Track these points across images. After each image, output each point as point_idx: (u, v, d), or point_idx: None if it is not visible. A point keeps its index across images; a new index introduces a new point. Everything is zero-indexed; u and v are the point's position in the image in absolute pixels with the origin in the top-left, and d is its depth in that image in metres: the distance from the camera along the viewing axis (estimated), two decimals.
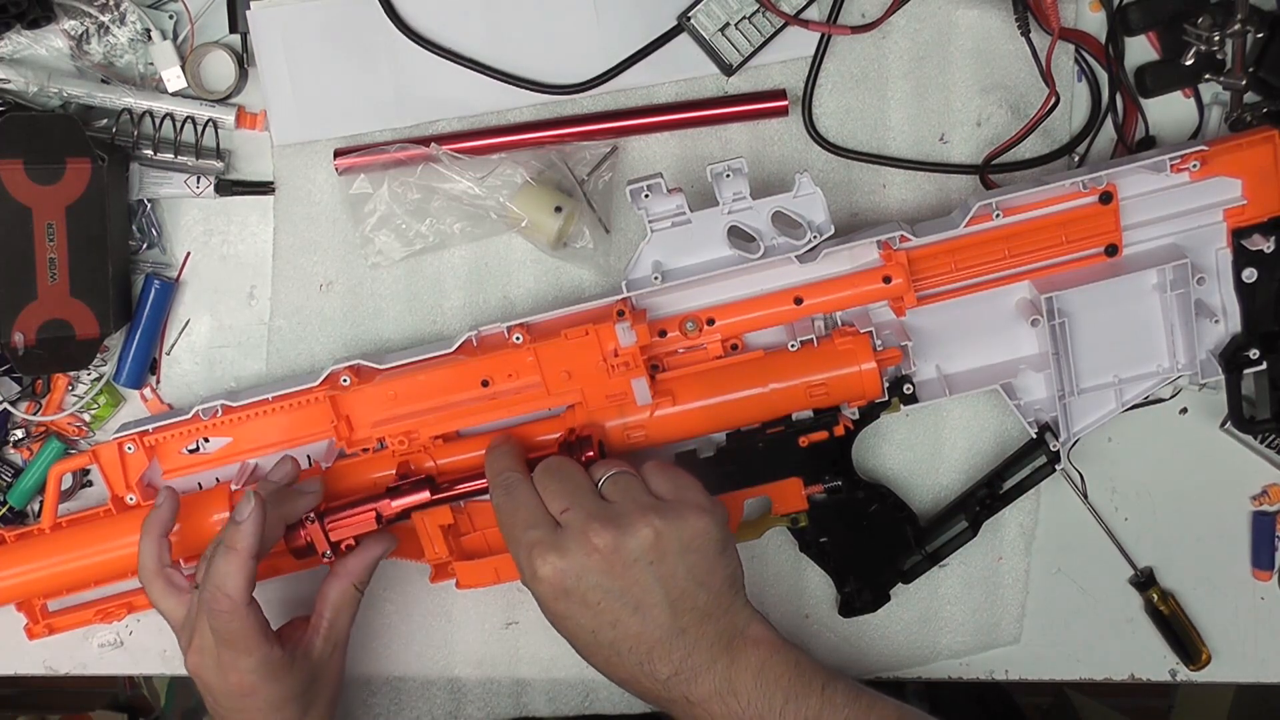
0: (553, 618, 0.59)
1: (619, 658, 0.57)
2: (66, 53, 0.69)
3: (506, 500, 0.60)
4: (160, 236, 0.72)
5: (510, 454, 0.63)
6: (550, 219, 0.67)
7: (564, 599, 0.57)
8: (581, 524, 0.57)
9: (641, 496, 0.59)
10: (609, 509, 0.58)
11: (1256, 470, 0.72)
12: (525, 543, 0.58)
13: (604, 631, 0.57)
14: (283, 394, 0.67)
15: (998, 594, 0.73)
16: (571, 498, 0.59)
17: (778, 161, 0.70)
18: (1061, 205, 0.65)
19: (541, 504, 0.59)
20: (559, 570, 0.57)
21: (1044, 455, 0.68)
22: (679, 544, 0.57)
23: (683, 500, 0.59)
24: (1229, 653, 0.73)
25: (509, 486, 0.61)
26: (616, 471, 0.60)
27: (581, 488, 0.59)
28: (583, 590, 0.57)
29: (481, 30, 0.69)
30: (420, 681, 0.74)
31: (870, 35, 0.69)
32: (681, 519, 0.57)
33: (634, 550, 0.56)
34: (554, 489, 0.60)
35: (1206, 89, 0.69)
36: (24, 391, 0.72)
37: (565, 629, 0.59)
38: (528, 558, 0.58)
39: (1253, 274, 0.66)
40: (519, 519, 0.59)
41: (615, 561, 0.56)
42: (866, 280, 0.65)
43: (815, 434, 0.66)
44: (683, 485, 0.60)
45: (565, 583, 0.57)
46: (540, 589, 0.58)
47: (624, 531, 0.56)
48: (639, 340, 0.64)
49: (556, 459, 0.62)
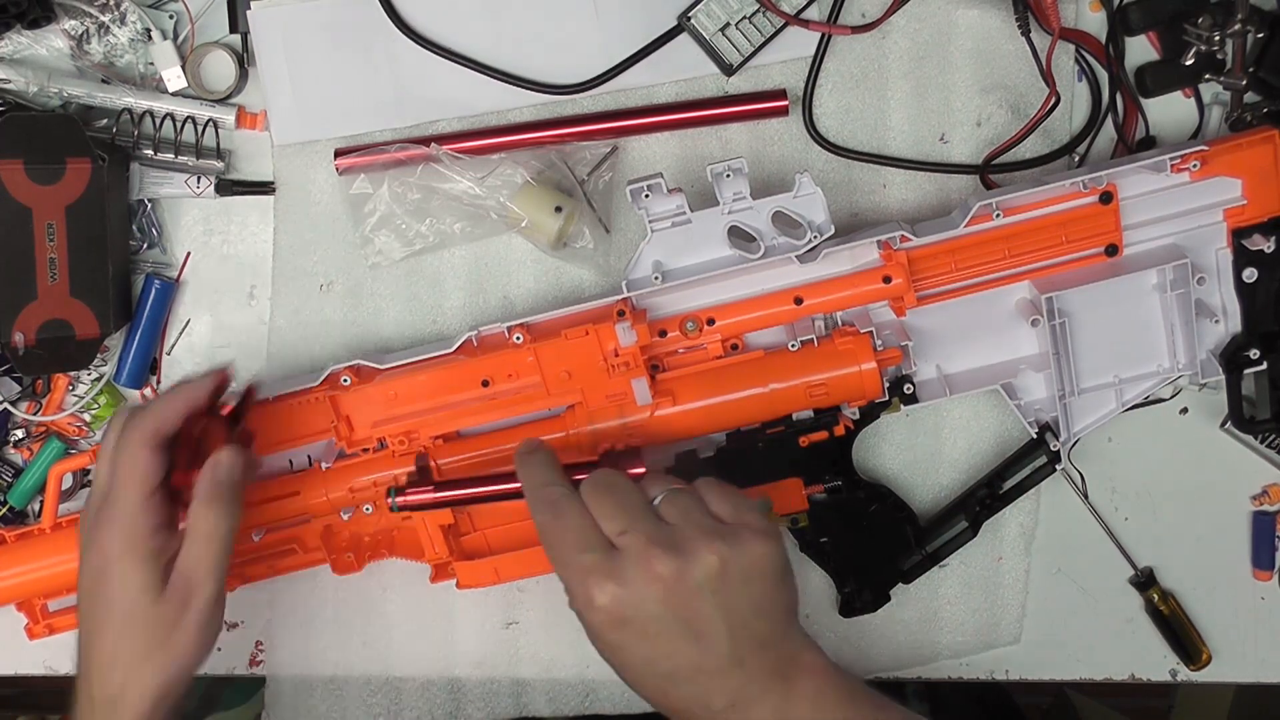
0: (604, 647, 0.56)
1: (674, 688, 0.54)
2: (66, 53, 0.69)
3: (553, 519, 0.56)
4: (160, 236, 0.72)
5: (549, 464, 0.59)
6: (551, 219, 0.67)
7: (620, 629, 0.54)
8: (642, 549, 0.53)
9: (702, 519, 0.55)
10: (669, 533, 0.54)
11: (1256, 470, 0.72)
12: (579, 568, 0.54)
13: (659, 662, 0.54)
14: (283, 394, 0.67)
15: (998, 594, 0.73)
16: (628, 519, 0.55)
17: (778, 161, 0.70)
18: (1061, 205, 0.65)
19: (594, 524, 0.55)
20: (617, 599, 0.53)
21: (1044, 455, 0.68)
22: (742, 572, 0.54)
23: (744, 524, 0.55)
24: (1229, 653, 0.73)
25: (555, 503, 0.56)
26: (674, 489, 0.57)
27: (638, 507, 0.55)
28: (641, 620, 0.53)
29: (481, 30, 0.69)
30: (420, 681, 0.74)
31: (870, 35, 0.69)
32: (745, 545, 0.54)
33: (698, 578, 0.53)
34: (608, 508, 0.55)
35: (1206, 89, 0.69)
36: (24, 391, 0.72)
37: (617, 659, 0.56)
38: (581, 584, 0.54)
39: (1253, 274, 0.66)
40: (569, 540, 0.55)
41: (678, 590, 0.53)
42: (866, 280, 0.65)
43: (815, 434, 0.66)
44: (742, 507, 0.56)
45: (624, 612, 0.53)
46: (595, 618, 0.54)
47: (688, 559, 0.53)
48: (639, 340, 0.64)
49: (608, 474, 0.58)
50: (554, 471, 0.59)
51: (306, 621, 0.74)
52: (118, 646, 0.57)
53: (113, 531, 0.57)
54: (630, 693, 0.73)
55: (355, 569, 0.69)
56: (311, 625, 0.74)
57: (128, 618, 0.57)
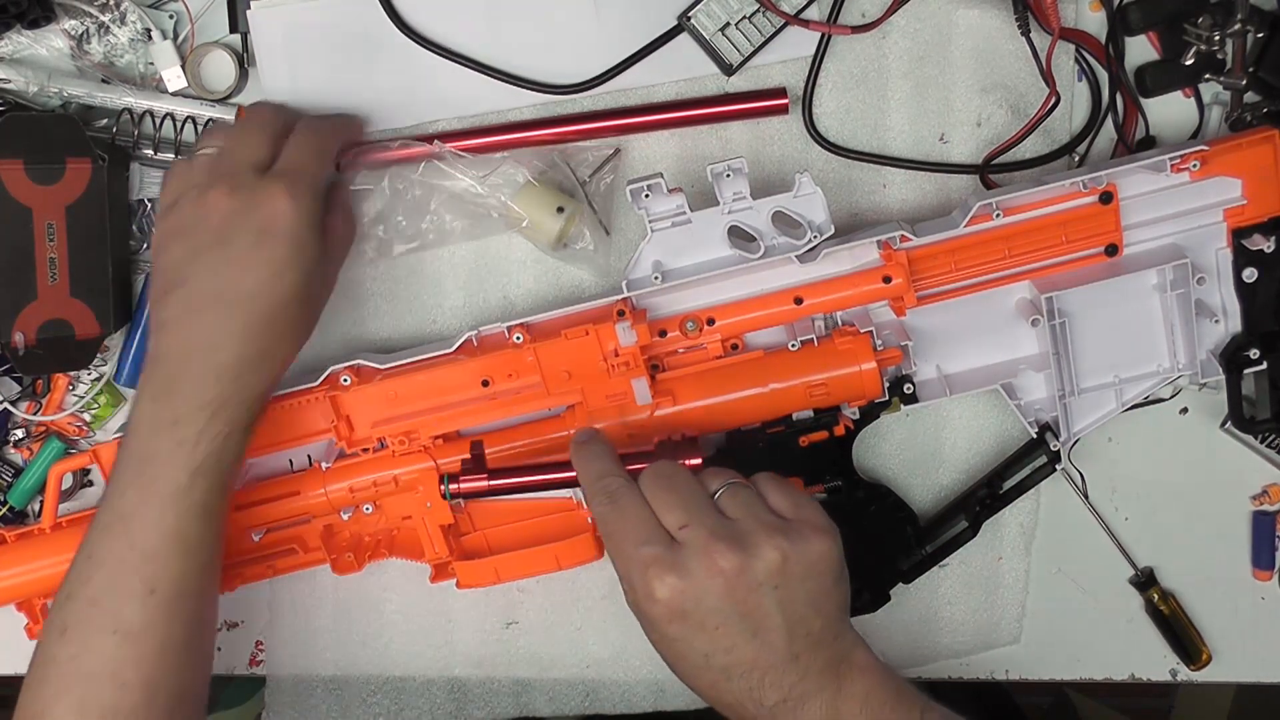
0: (660, 639, 0.56)
1: (728, 683, 0.55)
2: (66, 53, 0.69)
3: (613, 511, 0.56)
4: None
5: (607, 455, 0.60)
6: (552, 219, 0.67)
7: (679, 621, 0.54)
8: (704, 543, 0.54)
9: (764, 515, 0.56)
10: (731, 527, 0.55)
11: (1256, 470, 0.72)
12: (640, 560, 0.54)
13: (717, 656, 0.54)
14: (283, 394, 0.67)
15: (998, 594, 0.73)
16: (690, 512, 0.55)
17: (778, 161, 0.70)
18: (1061, 205, 0.65)
19: (654, 517, 0.55)
20: (678, 592, 0.53)
21: (1044, 455, 0.68)
22: (803, 568, 0.54)
23: (804, 520, 0.56)
24: (1229, 653, 0.74)
25: (614, 495, 0.57)
26: (733, 483, 0.57)
27: (699, 501, 0.56)
28: (701, 614, 0.54)
29: (482, 30, 0.69)
30: (420, 681, 0.74)
31: (870, 35, 0.69)
32: (806, 542, 0.55)
33: (759, 574, 0.53)
34: (669, 500, 0.56)
35: (1206, 89, 0.69)
36: (24, 391, 0.72)
37: (673, 650, 0.56)
38: (642, 576, 0.54)
39: (1253, 274, 0.66)
40: (630, 532, 0.55)
41: (739, 585, 0.53)
42: (866, 280, 0.65)
43: (815, 434, 0.66)
44: (802, 503, 0.57)
45: (684, 605, 0.54)
46: (655, 610, 0.54)
47: (750, 554, 0.53)
48: (639, 340, 0.64)
49: (668, 465, 0.58)
50: (612, 462, 0.59)
51: (306, 621, 0.74)
52: (288, 297, 0.58)
53: (300, 190, 0.58)
54: (631, 693, 0.74)
55: (355, 569, 0.69)
56: (311, 625, 0.74)
57: (306, 268, 0.58)
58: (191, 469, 0.57)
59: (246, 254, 0.57)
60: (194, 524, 0.58)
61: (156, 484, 0.57)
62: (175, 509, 0.57)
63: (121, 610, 0.57)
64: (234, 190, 0.58)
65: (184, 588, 0.58)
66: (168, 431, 0.57)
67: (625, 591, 0.57)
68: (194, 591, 0.59)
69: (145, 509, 0.57)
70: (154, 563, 0.57)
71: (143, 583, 0.57)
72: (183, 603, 0.58)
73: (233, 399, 0.58)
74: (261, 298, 0.57)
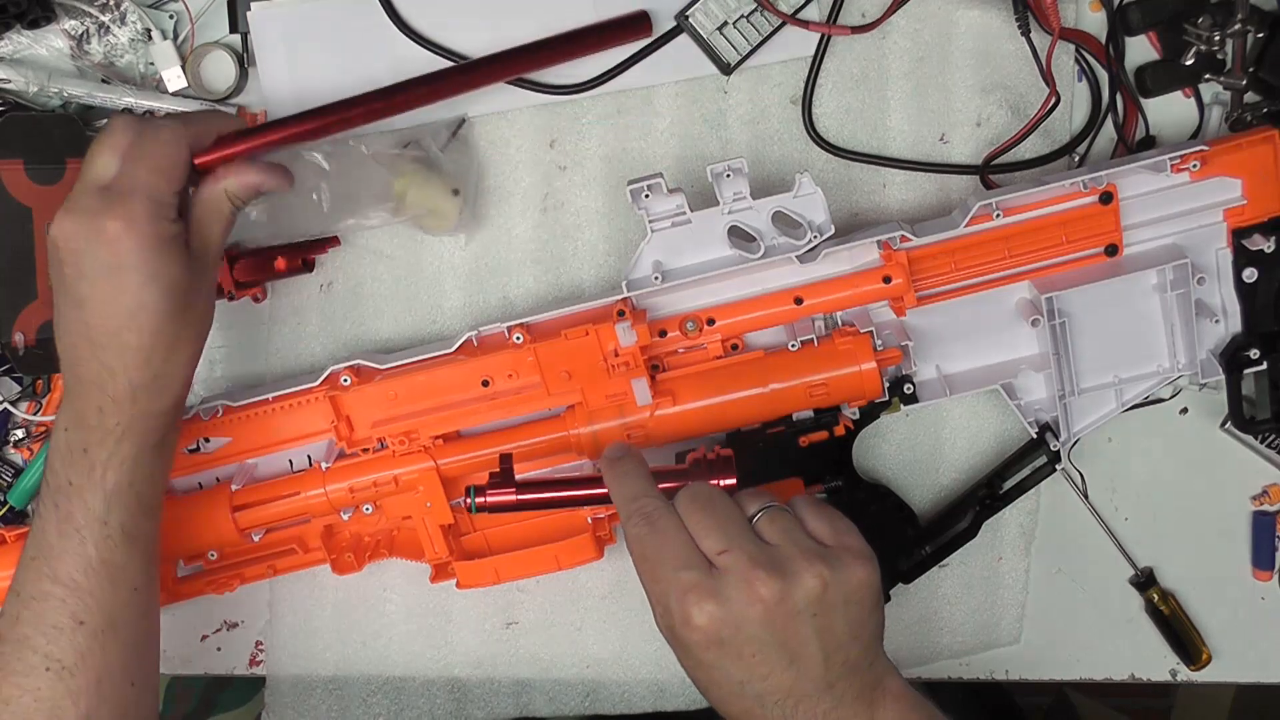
0: (695, 665, 0.55)
1: (761, 710, 0.54)
2: (66, 53, 0.69)
3: (651, 534, 0.55)
4: None
5: (641, 474, 0.59)
6: (449, 203, 0.66)
7: (716, 649, 0.53)
8: (744, 570, 0.53)
9: (803, 540, 0.55)
10: (771, 553, 0.54)
11: (1256, 470, 0.72)
12: (678, 585, 0.53)
13: (753, 684, 0.53)
14: (283, 394, 0.67)
15: (998, 594, 0.73)
16: (729, 537, 0.54)
17: (778, 161, 0.70)
18: (1061, 205, 0.65)
19: (692, 540, 0.54)
20: (717, 619, 0.52)
21: (1044, 455, 0.68)
22: (843, 596, 0.53)
23: (844, 546, 0.55)
24: (1229, 653, 0.74)
25: (650, 517, 0.56)
26: (772, 507, 0.56)
27: (738, 525, 0.55)
28: (739, 641, 0.53)
29: (481, 30, 0.69)
30: (420, 681, 0.74)
31: (870, 35, 0.69)
32: (846, 569, 0.54)
33: (799, 601, 0.53)
34: (707, 524, 0.55)
35: (1207, 89, 0.69)
36: (24, 391, 0.72)
37: (708, 677, 0.55)
38: (680, 602, 0.53)
39: (1253, 274, 0.66)
40: (667, 556, 0.54)
41: (778, 613, 0.52)
42: (866, 280, 0.65)
43: (815, 434, 0.66)
44: (841, 529, 0.56)
45: (722, 633, 0.53)
46: (692, 637, 0.53)
47: (791, 581, 0.52)
48: (639, 340, 0.64)
49: (704, 488, 0.57)
50: (647, 482, 0.58)
51: (306, 621, 0.74)
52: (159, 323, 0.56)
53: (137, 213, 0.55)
54: (630, 693, 0.74)
55: (355, 569, 0.69)
56: (311, 625, 0.74)
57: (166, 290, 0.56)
58: (105, 494, 0.57)
59: (101, 290, 0.55)
60: (117, 551, 0.57)
61: (74, 515, 0.57)
62: (94, 538, 0.57)
63: (52, 647, 0.56)
64: (77, 217, 0.55)
65: (114, 617, 0.57)
66: (79, 459, 0.57)
67: (658, 615, 0.55)
68: (126, 619, 0.58)
69: (65, 541, 0.57)
70: (79, 595, 0.56)
71: (70, 616, 0.56)
72: (115, 632, 0.57)
73: (136, 422, 0.57)
74: (130, 331, 0.56)
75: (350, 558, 0.69)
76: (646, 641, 0.73)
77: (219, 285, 0.65)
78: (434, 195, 0.67)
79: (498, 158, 0.71)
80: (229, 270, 0.67)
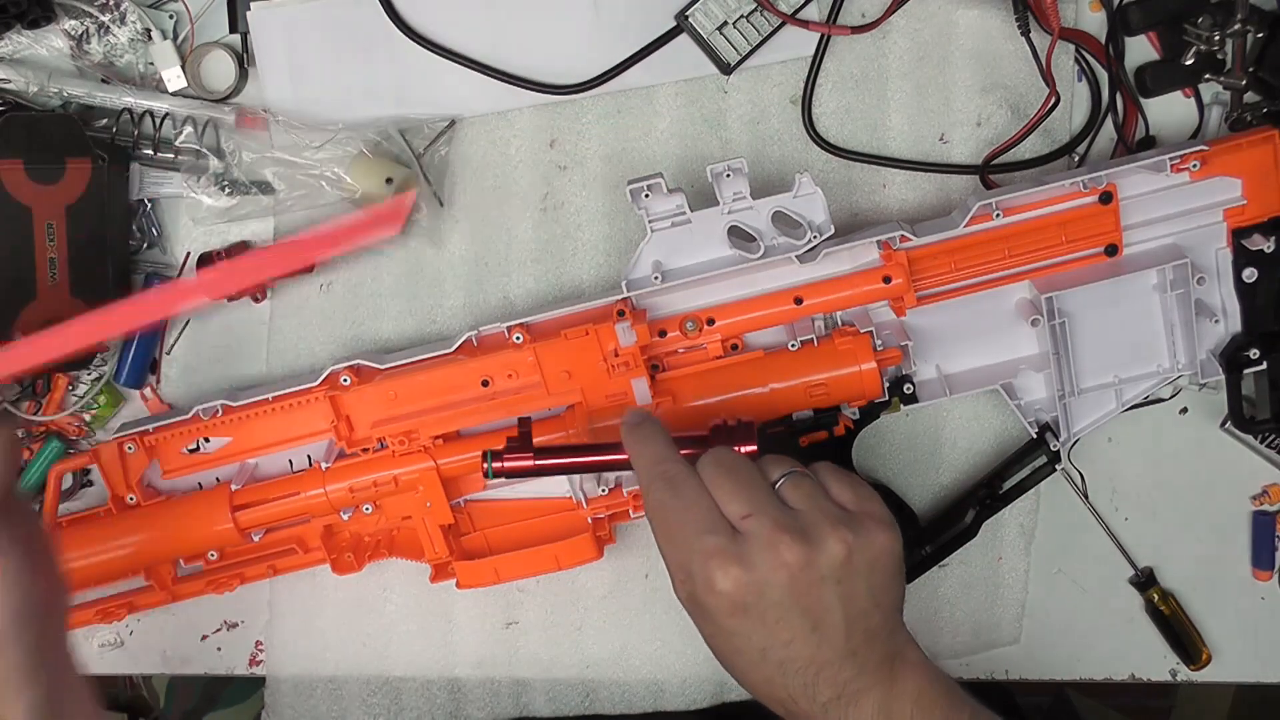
0: (715, 631, 0.54)
1: (783, 677, 0.53)
2: (66, 53, 0.69)
3: (674, 497, 0.54)
4: (160, 236, 0.72)
5: (662, 439, 0.57)
6: (381, 190, 0.66)
7: (740, 614, 0.52)
8: (769, 533, 0.52)
9: (827, 506, 0.54)
10: (795, 518, 0.53)
11: (1256, 470, 0.72)
12: (701, 550, 0.52)
13: (775, 650, 0.53)
14: (283, 394, 0.67)
15: (998, 594, 0.73)
16: (753, 502, 0.53)
17: (778, 161, 0.70)
18: (1061, 205, 0.65)
19: (715, 505, 0.53)
20: (741, 584, 0.51)
21: (1044, 455, 0.68)
22: (866, 562, 0.53)
23: (867, 513, 0.54)
24: (1229, 653, 0.73)
25: (673, 481, 0.54)
26: (795, 473, 0.55)
27: (761, 490, 0.54)
28: (763, 607, 0.52)
29: (481, 30, 0.69)
30: (420, 681, 0.74)
31: (870, 35, 0.69)
32: (870, 535, 0.53)
33: (824, 567, 0.52)
34: (730, 489, 0.54)
35: (1206, 89, 0.69)
36: (24, 391, 0.72)
37: (729, 645, 0.54)
38: (704, 567, 0.52)
39: (1253, 274, 0.66)
40: (690, 521, 0.53)
41: (803, 578, 0.51)
42: (866, 280, 0.65)
43: (815, 434, 0.66)
44: (864, 495, 0.56)
45: (745, 598, 0.52)
46: (715, 602, 0.52)
47: (815, 546, 0.52)
48: (639, 340, 0.64)
49: (727, 453, 0.56)
50: (669, 446, 0.57)
51: (306, 621, 0.74)
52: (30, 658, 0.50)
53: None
54: (630, 693, 0.74)
55: (355, 569, 0.69)
56: (311, 625, 0.74)
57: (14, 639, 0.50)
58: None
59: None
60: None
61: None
62: None
63: None
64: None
65: None
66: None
67: (678, 582, 0.54)
68: None
69: None
70: None
71: None
72: None
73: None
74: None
75: (350, 558, 0.69)
76: (646, 641, 0.73)
77: None
78: (369, 180, 0.67)
79: (498, 158, 0.71)
80: None
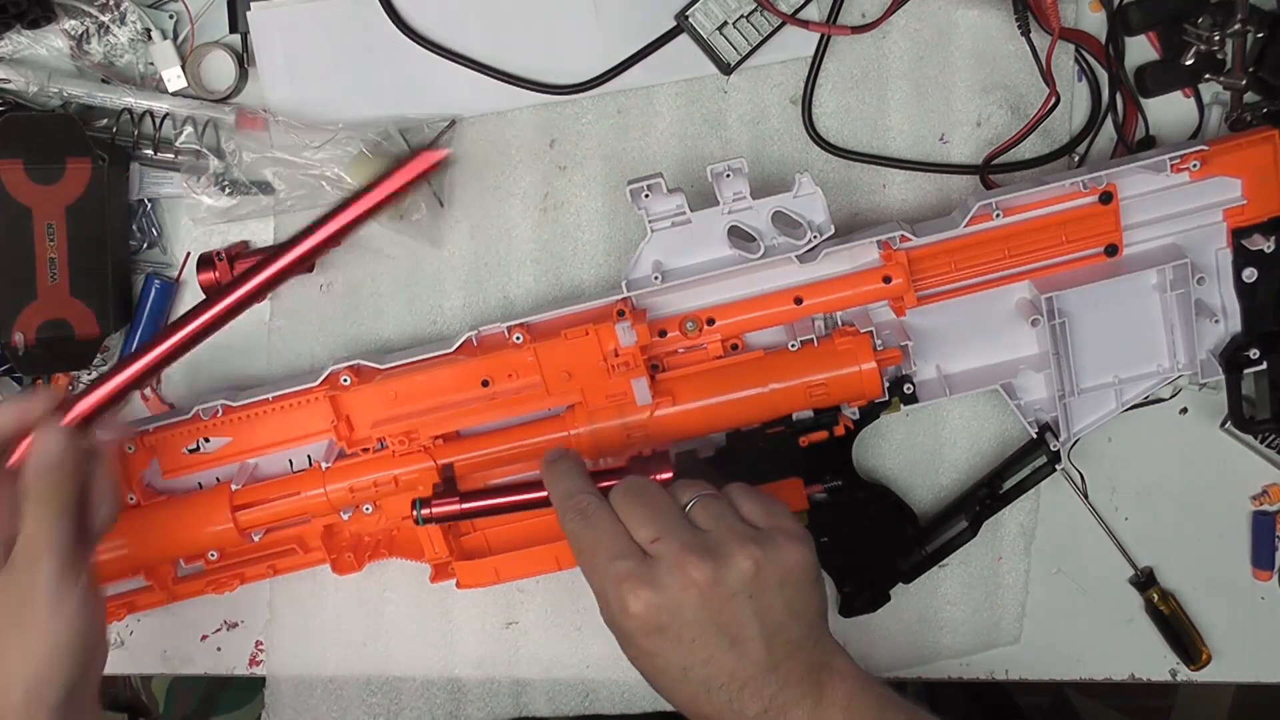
0: (637, 654, 0.55)
1: (708, 695, 0.54)
2: (66, 53, 0.69)
3: (585, 527, 0.56)
4: (160, 236, 0.72)
5: (576, 472, 0.59)
6: None
7: (656, 635, 0.53)
8: (676, 555, 0.53)
9: (736, 524, 0.55)
10: (703, 538, 0.54)
11: (1256, 470, 0.72)
12: (613, 575, 0.54)
13: (696, 669, 0.53)
14: (283, 394, 0.67)
15: (998, 594, 0.73)
16: (661, 525, 0.54)
17: (778, 161, 0.70)
18: (1061, 205, 0.64)
19: (626, 532, 0.55)
20: (653, 605, 0.53)
21: (1044, 455, 0.68)
22: (778, 576, 0.54)
23: (778, 528, 0.55)
24: (1229, 653, 0.73)
25: (586, 511, 0.56)
26: (705, 495, 0.57)
27: (670, 514, 0.55)
28: (677, 626, 0.53)
29: (481, 30, 0.69)
30: (420, 681, 0.74)
31: (870, 35, 0.69)
32: (780, 549, 0.54)
33: (733, 583, 0.53)
34: (640, 515, 0.55)
35: (1206, 89, 0.69)
36: (24, 391, 0.72)
37: (651, 666, 0.55)
38: (616, 591, 0.53)
39: (1253, 274, 0.66)
40: (603, 548, 0.55)
41: (713, 595, 0.53)
42: (866, 280, 0.65)
43: (815, 434, 0.66)
44: (774, 512, 0.57)
45: (659, 619, 0.53)
46: (630, 625, 0.54)
47: (723, 563, 0.53)
48: (639, 340, 0.64)
49: (638, 481, 0.58)
50: (582, 479, 0.58)
51: (306, 621, 0.74)
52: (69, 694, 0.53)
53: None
54: (630, 693, 0.74)
55: (355, 569, 0.69)
56: (311, 625, 0.74)
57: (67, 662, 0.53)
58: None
59: (10, 644, 0.53)
60: None
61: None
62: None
63: None
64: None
65: None
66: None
67: (601, 608, 0.56)
68: None
69: None
70: None
71: None
72: None
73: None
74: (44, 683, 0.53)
75: (350, 558, 0.69)
76: None
77: None
78: (362, 178, 0.67)
79: (498, 158, 0.71)
80: (229, 270, 0.68)
